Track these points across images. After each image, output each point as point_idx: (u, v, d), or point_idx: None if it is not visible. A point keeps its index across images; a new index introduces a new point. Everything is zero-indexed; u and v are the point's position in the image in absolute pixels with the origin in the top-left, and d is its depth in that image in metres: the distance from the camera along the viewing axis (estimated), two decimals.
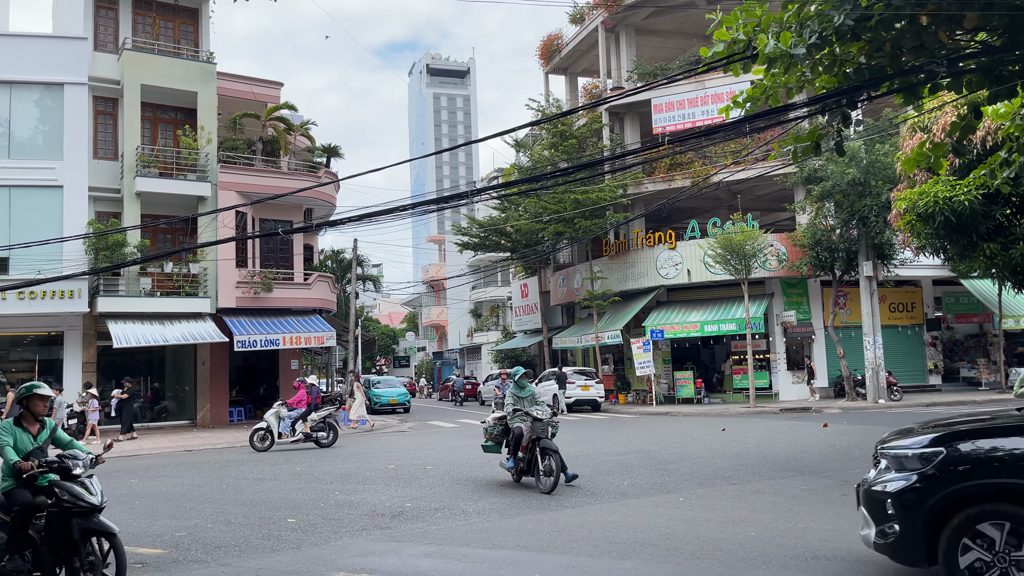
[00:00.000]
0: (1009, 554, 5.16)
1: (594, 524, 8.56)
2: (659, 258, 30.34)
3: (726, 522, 8.44)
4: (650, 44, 35.59)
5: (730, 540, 7.63)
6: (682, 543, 7.60)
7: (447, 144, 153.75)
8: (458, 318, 63.42)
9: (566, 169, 17.90)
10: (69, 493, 6.18)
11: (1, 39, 26.00)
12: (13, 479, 6.24)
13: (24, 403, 6.53)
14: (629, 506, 9.56)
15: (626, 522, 8.62)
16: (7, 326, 23.55)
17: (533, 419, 10.99)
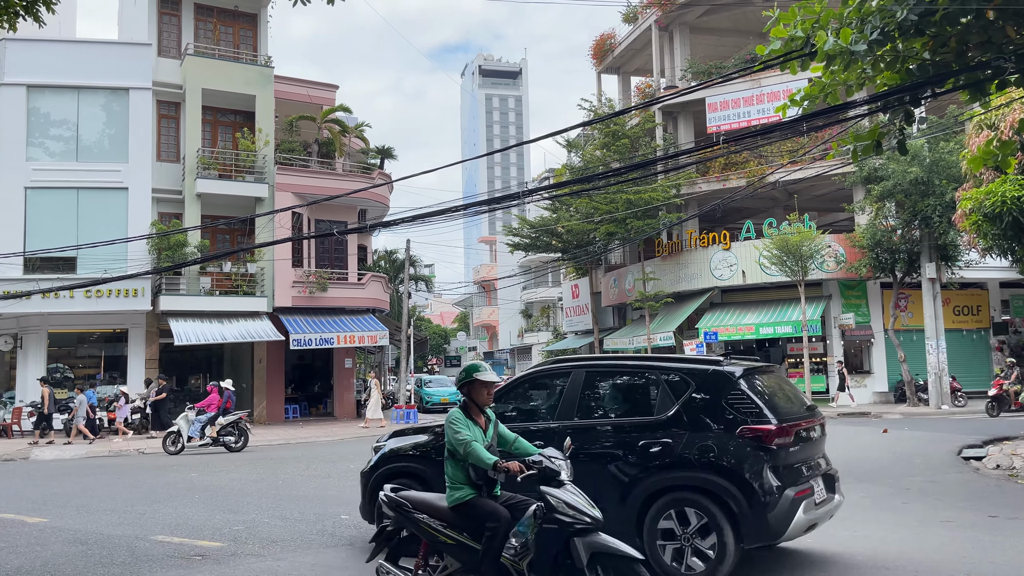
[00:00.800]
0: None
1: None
2: (713, 259, 29.95)
3: None
4: (704, 42, 35.16)
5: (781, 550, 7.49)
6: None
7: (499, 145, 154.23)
8: (509, 318, 63.59)
9: (618, 169, 17.80)
10: (567, 505, 4.86)
11: (70, 45, 26.99)
12: (471, 488, 5.05)
13: (465, 390, 5.33)
14: None
15: None
16: (75, 323, 24.41)
17: None
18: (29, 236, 23.69)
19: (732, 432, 6.16)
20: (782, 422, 6.19)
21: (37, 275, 23.20)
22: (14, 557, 7.55)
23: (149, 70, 25.17)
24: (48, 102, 24.56)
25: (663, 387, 6.58)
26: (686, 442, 6.24)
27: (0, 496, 11.88)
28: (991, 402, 22.20)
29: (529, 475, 4.86)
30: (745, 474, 5.98)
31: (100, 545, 8.03)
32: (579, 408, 6.83)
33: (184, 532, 8.61)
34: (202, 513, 9.81)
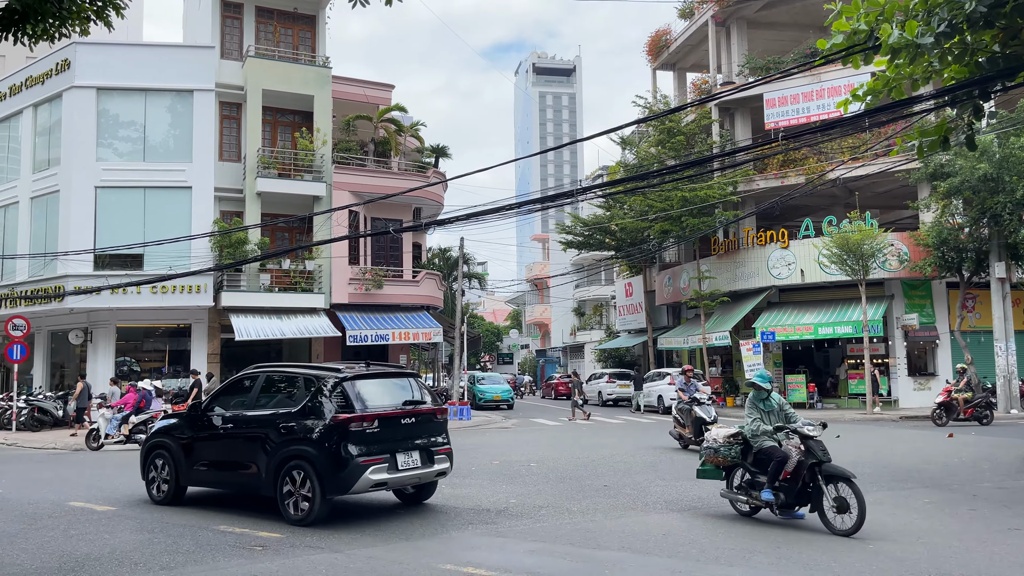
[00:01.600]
0: None
1: (701, 529, 8.41)
2: (771, 257, 29.42)
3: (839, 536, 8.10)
4: (762, 37, 34.54)
5: (846, 552, 7.34)
6: (792, 552, 7.38)
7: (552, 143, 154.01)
8: (561, 316, 63.48)
9: (674, 166, 17.63)
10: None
11: (137, 49, 27.87)
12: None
13: None
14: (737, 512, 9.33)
15: (734, 529, 8.43)
16: (142, 318, 25.21)
17: (802, 436, 8.48)
18: (99, 234, 24.55)
19: (328, 417, 8.77)
20: (364, 412, 8.82)
21: (107, 271, 24.03)
22: (83, 544, 7.85)
23: (212, 72, 25.82)
24: (117, 104, 25.40)
25: (302, 386, 9.36)
26: (306, 425, 8.89)
27: (71, 485, 12.35)
28: (938, 410, 21.52)
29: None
30: (328, 446, 8.63)
31: (165, 533, 8.29)
32: (258, 400, 9.70)
33: (246, 523, 8.83)
34: (262, 505, 10.04)
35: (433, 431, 9.63)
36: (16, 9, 6.37)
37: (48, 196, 25.58)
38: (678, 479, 11.89)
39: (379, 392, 9.38)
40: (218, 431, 9.85)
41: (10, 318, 22.76)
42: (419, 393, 9.84)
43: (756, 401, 9.14)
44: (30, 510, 9.89)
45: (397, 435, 9.10)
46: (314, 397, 9.02)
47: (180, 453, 10.12)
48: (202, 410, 10.22)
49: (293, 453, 8.83)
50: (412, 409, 9.41)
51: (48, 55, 26.05)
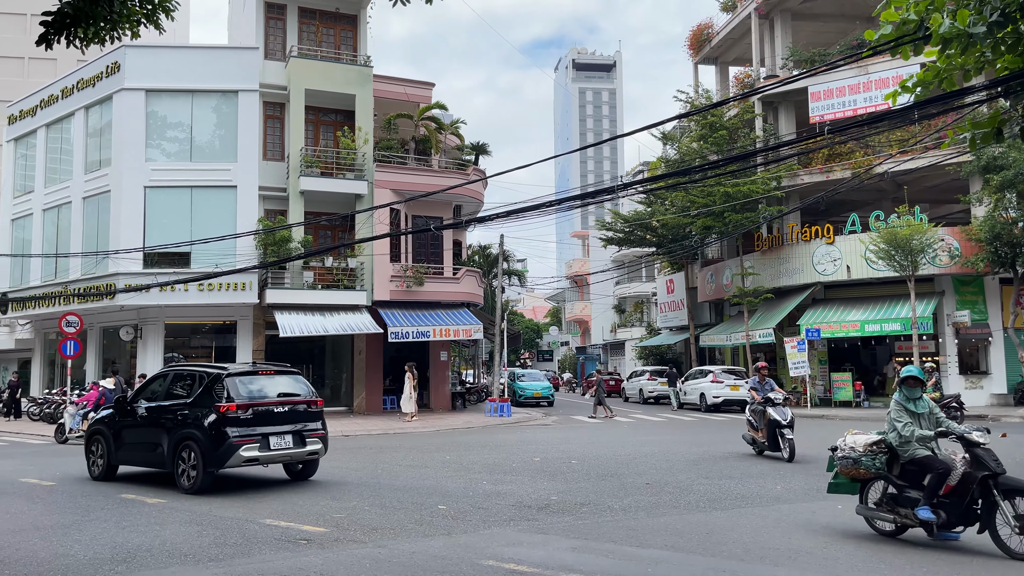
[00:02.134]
0: None
1: (746, 528, 8.31)
2: (816, 253, 28.92)
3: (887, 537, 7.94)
4: (807, 29, 33.96)
5: (894, 554, 7.19)
6: (841, 553, 7.25)
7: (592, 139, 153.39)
8: (601, 313, 63.21)
9: (716, 162, 17.41)
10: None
11: (184, 51, 28.42)
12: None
13: None
14: (783, 511, 9.21)
15: (780, 528, 8.31)
16: (189, 315, 25.74)
17: (967, 443, 7.36)
18: (148, 232, 25.11)
19: (212, 406, 10.80)
20: (239, 402, 10.78)
21: (155, 269, 24.58)
22: (135, 535, 8.04)
23: (256, 73, 26.22)
24: (164, 105, 25.94)
25: (196, 382, 11.41)
26: (196, 413, 10.96)
27: (122, 478, 12.65)
28: None
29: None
30: (210, 429, 10.64)
31: (214, 526, 8.45)
32: (167, 394, 11.85)
33: (290, 517, 8.96)
34: (306, 499, 10.19)
35: (306, 419, 11.49)
36: (68, 13, 6.53)
37: (99, 196, 26.23)
38: (721, 477, 11.77)
39: (257, 386, 11.31)
40: (137, 420, 11.92)
41: (64, 315, 23.40)
42: (297, 387, 11.70)
43: (905, 402, 7.85)
44: (84, 502, 10.17)
45: (270, 421, 11.07)
46: (203, 390, 11.15)
47: (111, 438, 12.20)
48: (129, 403, 12.35)
49: (185, 435, 10.91)
50: (285, 400, 11.34)
51: (98, 58, 26.72)
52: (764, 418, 14.24)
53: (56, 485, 11.78)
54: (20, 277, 29.38)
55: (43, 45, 6.65)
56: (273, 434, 10.97)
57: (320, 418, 11.81)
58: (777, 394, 14.37)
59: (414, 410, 24.16)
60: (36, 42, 6.64)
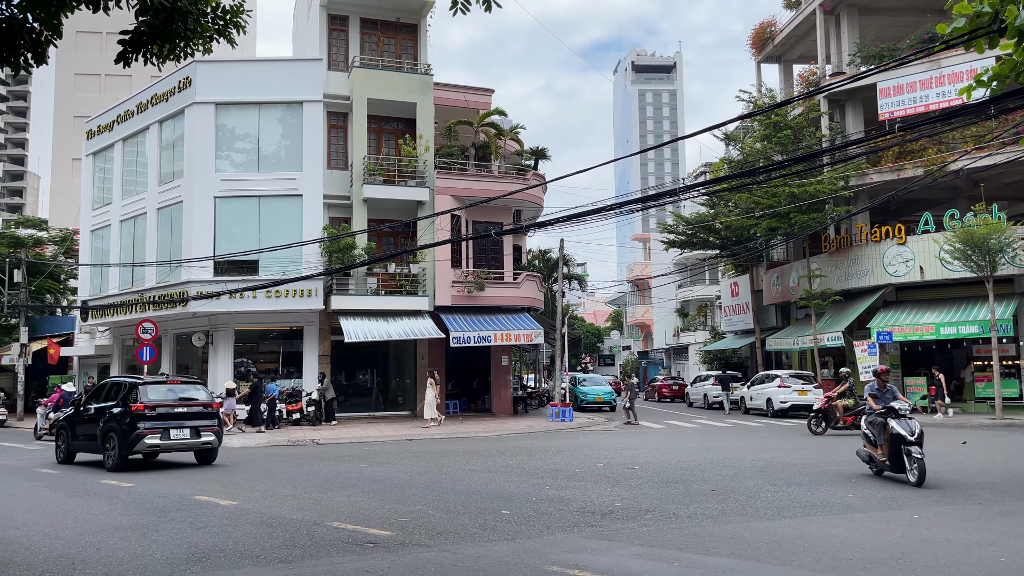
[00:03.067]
0: None
1: (815, 537, 8.09)
2: (886, 254, 28.06)
3: (970, 545, 7.65)
4: (875, 24, 33.03)
5: (975, 565, 6.91)
6: (917, 564, 6.99)
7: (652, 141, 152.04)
8: (664, 317, 62.51)
9: (781, 162, 17.06)
10: None
11: (251, 65, 29.24)
12: None
13: None
14: (855, 520, 8.94)
15: (851, 537, 8.07)
16: (258, 321, 26.41)
17: None
18: (218, 241, 25.88)
19: (129, 407, 14.22)
20: (146, 403, 14.24)
21: (225, 277, 25.30)
22: (209, 536, 8.27)
23: (320, 84, 26.79)
24: (233, 118, 26.72)
25: (123, 388, 14.97)
26: (118, 411, 14.42)
27: (195, 479, 13.06)
28: (814, 417, 20.19)
29: None
30: (125, 423, 14.15)
31: (283, 528, 8.64)
32: (107, 396, 15.25)
33: (356, 520, 9.10)
34: (372, 502, 10.33)
35: (203, 417, 14.92)
36: (144, 31, 6.79)
37: (172, 207, 27.16)
38: (789, 484, 11.50)
39: (164, 393, 14.81)
40: (86, 417, 15.45)
41: (140, 322, 24.27)
42: (197, 394, 15.31)
43: None
44: (160, 503, 10.52)
45: (172, 419, 14.50)
46: (125, 395, 14.65)
47: (69, 432, 15.90)
48: (82, 405, 15.96)
49: (110, 427, 14.49)
50: (185, 403, 14.88)
51: (171, 74, 27.69)
52: (885, 432, 11.78)
53: (135, 487, 12.22)
54: (99, 286, 30.63)
55: (121, 63, 6.93)
56: (174, 428, 14.42)
57: (215, 417, 15.30)
58: (902, 404, 11.98)
59: (437, 416, 23.88)
60: (115, 60, 6.92)
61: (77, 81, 52.27)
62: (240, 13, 7.17)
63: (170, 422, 14.38)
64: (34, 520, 9.43)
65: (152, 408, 14.21)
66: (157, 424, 14.20)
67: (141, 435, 14.04)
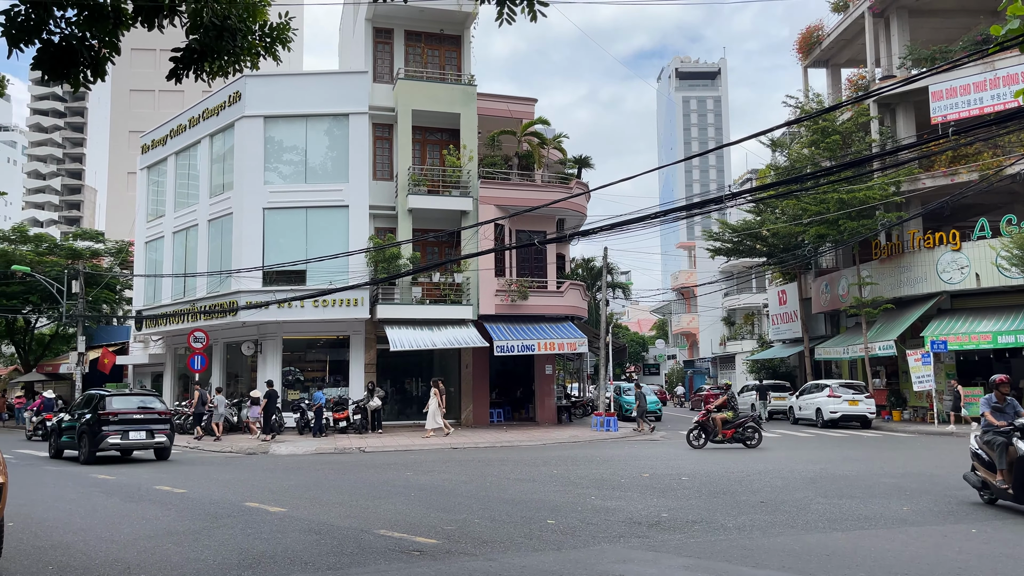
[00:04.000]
0: None
1: (869, 550, 7.90)
2: (940, 261, 27.36)
3: None
4: (926, 26, 32.31)
5: None
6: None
7: (697, 148, 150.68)
8: (710, 326, 61.75)
9: (830, 168, 16.77)
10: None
11: (298, 78, 29.77)
12: None
13: None
14: (910, 534, 8.71)
15: (907, 552, 7.86)
16: (305, 330, 26.79)
17: None
18: (267, 252, 26.37)
19: (98, 413, 17.32)
20: (111, 411, 17.42)
21: (274, 287, 25.76)
22: (259, 542, 8.40)
23: (366, 96, 27.16)
24: (281, 130, 27.24)
25: (95, 399, 17.97)
26: (90, 417, 17.49)
27: (246, 486, 13.28)
28: (694, 430, 19.73)
29: None
30: (93, 426, 17.32)
31: (331, 535, 8.74)
32: (85, 405, 18.30)
33: (403, 528, 9.16)
34: (418, 510, 10.39)
35: (157, 423, 18.06)
36: (195, 49, 6.98)
37: (223, 218, 27.75)
38: (841, 497, 11.25)
39: (124, 403, 18.10)
40: (68, 422, 18.76)
41: (192, 331, 24.80)
42: (154, 404, 18.57)
43: None
44: (212, 509, 10.71)
45: (131, 423, 17.61)
46: (95, 404, 17.72)
47: (58, 433, 19.30)
48: (69, 412, 19.29)
49: (83, 429, 17.61)
50: (142, 409, 18.07)
51: (222, 88, 28.33)
52: (1008, 454, 9.91)
53: (187, 492, 12.47)
54: (153, 296, 31.42)
55: (173, 80, 7.12)
56: (132, 430, 17.54)
57: (168, 423, 18.35)
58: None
59: (442, 427, 23.08)
60: (167, 77, 7.12)
61: (132, 97, 53.82)
62: (287, 30, 7.32)
63: (129, 426, 17.54)
64: (91, 525, 9.68)
65: (115, 415, 17.48)
66: (119, 427, 17.39)
67: (105, 435, 17.25)
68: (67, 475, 15.54)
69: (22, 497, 11.84)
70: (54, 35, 6.57)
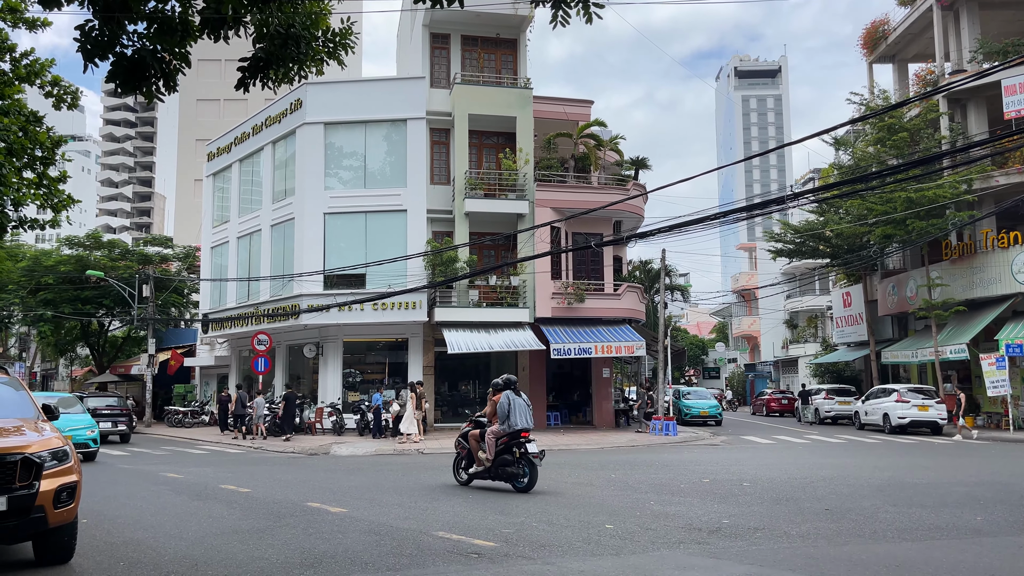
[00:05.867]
0: None
1: (941, 562, 7.62)
2: (1015, 261, 26.31)
3: None
4: (997, 19, 31.15)
5: None
6: None
7: (757, 148, 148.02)
8: (771, 329, 60.57)
9: (897, 166, 16.28)
10: None
11: (358, 85, 30.25)
12: None
13: None
14: (984, 545, 8.37)
15: (981, 564, 7.56)
16: (365, 333, 27.19)
17: None
18: (328, 256, 26.85)
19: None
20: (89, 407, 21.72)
21: (334, 290, 26.21)
22: (320, 542, 8.54)
23: (423, 101, 27.45)
24: (341, 136, 27.72)
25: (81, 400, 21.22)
26: None
27: (308, 486, 13.52)
28: None
29: None
30: None
31: (391, 537, 8.83)
32: None
33: (461, 530, 9.19)
34: (476, 513, 10.42)
35: (119, 416, 24.37)
36: (261, 57, 7.15)
37: (285, 223, 28.36)
38: (911, 505, 10.89)
39: (97, 402, 24.43)
40: None
41: (255, 334, 25.39)
42: (116, 403, 25.21)
43: None
44: (275, 508, 10.94)
45: (101, 415, 23.11)
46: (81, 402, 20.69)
47: None
48: None
49: None
50: (109, 407, 24.53)
51: (284, 96, 28.98)
52: None
53: (251, 492, 12.77)
54: (219, 299, 32.30)
55: (241, 88, 7.30)
56: (101, 420, 22.45)
57: (128, 415, 25.17)
58: None
59: (414, 432, 22.35)
60: (236, 87, 7.30)
61: (199, 106, 55.45)
62: (349, 35, 7.43)
63: (101, 417, 23.08)
64: (160, 522, 9.98)
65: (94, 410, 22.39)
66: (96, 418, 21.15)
67: None
68: (138, 474, 16.07)
69: (96, 494, 12.29)
70: (126, 48, 6.80)
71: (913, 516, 10.08)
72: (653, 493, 12.38)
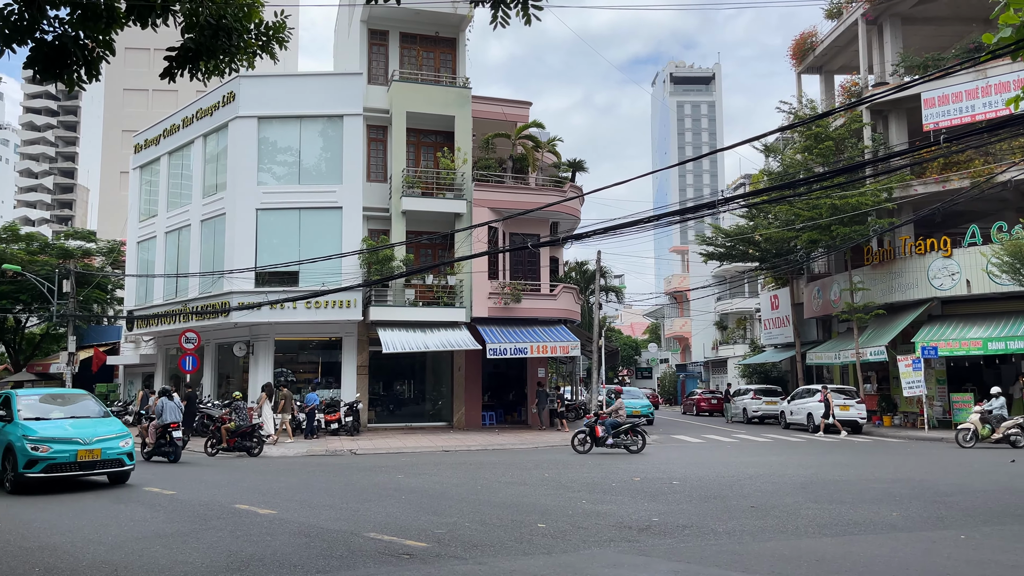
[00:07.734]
0: None
1: (859, 556, 7.92)
2: (931, 267, 27.47)
3: (1019, 566, 7.42)
4: (919, 34, 32.49)
5: None
6: None
7: (691, 153, 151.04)
8: (702, 330, 61.91)
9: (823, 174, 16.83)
10: None
11: (293, 79, 29.73)
12: None
13: None
14: (900, 540, 8.73)
15: (897, 558, 7.88)
16: (297, 332, 26.72)
17: None
18: (259, 253, 26.29)
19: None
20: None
21: (266, 288, 25.67)
22: (248, 545, 8.37)
23: (360, 97, 27.13)
24: (275, 131, 27.17)
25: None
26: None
27: (236, 488, 13.22)
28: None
29: None
30: None
31: (321, 538, 8.71)
32: None
33: (393, 531, 9.13)
34: (408, 513, 10.36)
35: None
36: (190, 48, 6.96)
37: (216, 219, 27.65)
38: (831, 502, 11.27)
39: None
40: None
41: (183, 332, 24.70)
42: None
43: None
44: (201, 511, 10.66)
45: None
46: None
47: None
48: None
49: None
50: None
51: (216, 88, 28.25)
52: None
53: (176, 494, 12.41)
54: (145, 296, 31.29)
55: (167, 79, 7.10)
56: None
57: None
58: None
59: (273, 435, 22.09)
60: (161, 75, 7.09)
61: (125, 96, 53.63)
62: (282, 29, 7.30)
63: None
64: (78, 526, 9.63)
65: None
66: None
67: None
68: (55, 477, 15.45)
69: (9, 497, 11.77)
70: (47, 34, 6.54)
71: (833, 512, 10.44)
72: (585, 491, 12.51)
